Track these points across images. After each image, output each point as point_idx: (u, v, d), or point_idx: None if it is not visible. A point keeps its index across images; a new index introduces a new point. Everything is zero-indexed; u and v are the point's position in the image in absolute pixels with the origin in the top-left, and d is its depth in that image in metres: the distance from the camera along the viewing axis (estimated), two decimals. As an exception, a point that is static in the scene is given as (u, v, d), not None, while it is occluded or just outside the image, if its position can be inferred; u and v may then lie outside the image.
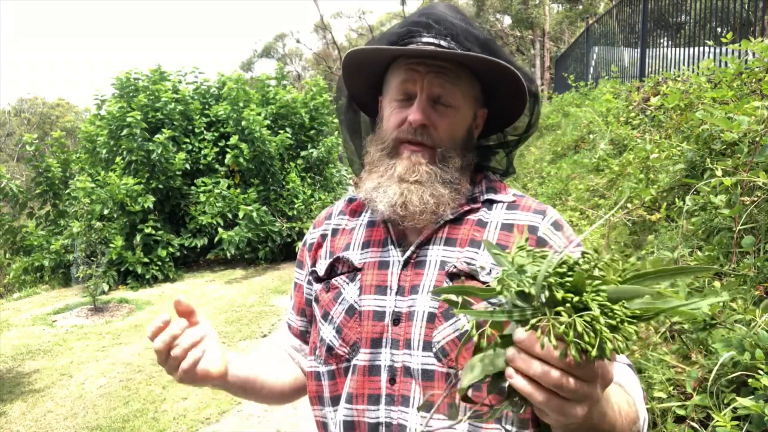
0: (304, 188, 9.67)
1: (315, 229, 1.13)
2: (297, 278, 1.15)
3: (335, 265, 1.03)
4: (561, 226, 0.96)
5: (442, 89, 0.93)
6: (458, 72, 0.94)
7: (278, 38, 36.58)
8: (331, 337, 1.00)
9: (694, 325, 1.68)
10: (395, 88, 0.96)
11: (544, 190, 5.02)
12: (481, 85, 1.00)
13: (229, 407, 3.84)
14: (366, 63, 1.00)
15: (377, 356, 0.95)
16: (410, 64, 0.94)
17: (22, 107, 35.94)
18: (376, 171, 0.97)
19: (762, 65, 2.58)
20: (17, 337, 5.66)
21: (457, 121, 0.96)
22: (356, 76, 1.04)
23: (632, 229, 2.94)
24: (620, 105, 5.27)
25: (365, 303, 0.96)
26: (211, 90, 10.09)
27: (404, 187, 0.93)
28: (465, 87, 0.96)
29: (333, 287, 1.02)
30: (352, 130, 1.15)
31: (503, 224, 0.96)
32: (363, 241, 1.03)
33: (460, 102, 0.95)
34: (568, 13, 22.49)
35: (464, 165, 0.98)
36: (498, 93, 1.00)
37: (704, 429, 1.46)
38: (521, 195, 1.02)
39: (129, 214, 8.07)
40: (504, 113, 1.04)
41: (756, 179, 1.82)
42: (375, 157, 0.99)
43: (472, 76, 0.97)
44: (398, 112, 0.96)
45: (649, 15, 6.60)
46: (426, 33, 0.94)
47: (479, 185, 1.03)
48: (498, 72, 0.93)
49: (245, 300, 6.87)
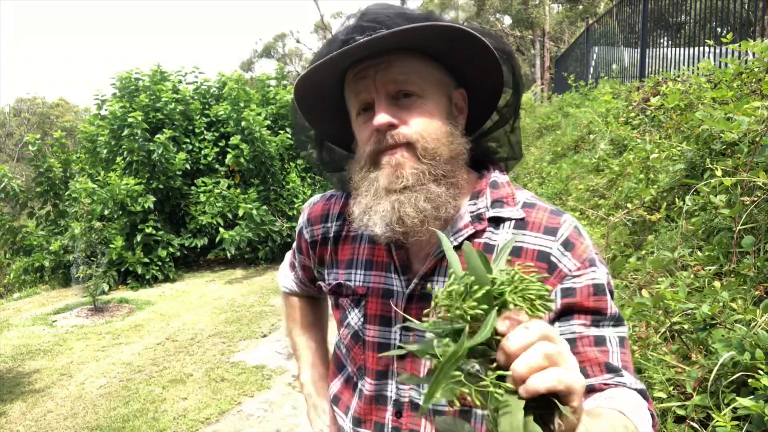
0: (304, 188, 9.68)
1: (312, 226, 1.08)
2: (303, 262, 1.15)
3: (341, 286, 1.01)
4: (572, 244, 0.85)
5: (397, 82, 0.84)
6: (409, 59, 0.85)
7: (278, 38, 36.59)
8: (344, 351, 1.04)
9: (694, 325, 1.68)
10: (354, 105, 0.89)
11: (544, 190, 5.02)
12: (446, 65, 0.90)
13: (229, 407, 3.84)
14: (319, 94, 0.91)
15: (383, 387, 0.94)
16: (357, 73, 0.86)
17: (22, 107, 35.93)
18: (360, 192, 0.88)
19: (762, 65, 2.58)
20: (17, 337, 5.66)
21: (427, 107, 0.85)
22: (319, 112, 0.96)
23: (632, 229, 2.94)
24: (620, 105, 5.27)
25: (370, 333, 0.95)
26: (211, 90, 10.09)
27: (394, 200, 0.83)
28: (423, 71, 0.86)
29: (340, 306, 1.02)
30: (336, 169, 1.07)
31: (511, 248, 0.91)
32: (366, 260, 0.98)
33: (423, 87, 0.85)
34: (569, 13, 22.49)
35: (454, 154, 0.87)
36: (466, 65, 0.89)
37: (704, 429, 1.46)
38: (531, 204, 0.91)
39: (129, 214, 8.07)
40: (485, 85, 0.92)
41: (756, 179, 1.82)
42: (357, 178, 0.90)
43: (429, 58, 0.87)
44: (365, 126, 0.87)
45: (649, 15, 6.60)
46: (359, 36, 0.83)
47: (483, 196, 0.92)
48: (453, 41, 0.83)
49: (245, 300, 6.87)
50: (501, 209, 0.89)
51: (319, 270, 1.08)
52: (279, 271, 1.33)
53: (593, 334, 0.82)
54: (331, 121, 0.98)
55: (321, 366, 1.23)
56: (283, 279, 1.29)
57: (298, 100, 0.91)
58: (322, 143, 1.07)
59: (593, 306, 0.83)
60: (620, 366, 0.81)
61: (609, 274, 0.87)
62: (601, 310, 0.83)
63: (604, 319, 0.83)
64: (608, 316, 0.84)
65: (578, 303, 0.82)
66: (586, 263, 0.84)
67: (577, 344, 0.81)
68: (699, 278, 1.86)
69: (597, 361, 0.81)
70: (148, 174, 8.47)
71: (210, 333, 5.55)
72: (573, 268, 0.84)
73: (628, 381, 0.81)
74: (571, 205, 3.93)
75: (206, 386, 4.20)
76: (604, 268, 0.86)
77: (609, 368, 0.81)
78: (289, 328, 1.30)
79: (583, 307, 0.83)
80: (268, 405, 3.86)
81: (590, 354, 0.81)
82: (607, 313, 0.83)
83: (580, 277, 0.83)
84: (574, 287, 0.83)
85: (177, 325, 5.89)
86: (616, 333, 0.84)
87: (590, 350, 0.81)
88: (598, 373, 0.81)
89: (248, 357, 4.82)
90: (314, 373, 1.22)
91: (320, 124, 1.01)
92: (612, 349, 0.82)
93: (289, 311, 1.29)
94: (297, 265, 1.20)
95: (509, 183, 0.94)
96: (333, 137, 1.04)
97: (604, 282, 0.84)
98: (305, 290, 1.25)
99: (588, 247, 0.86)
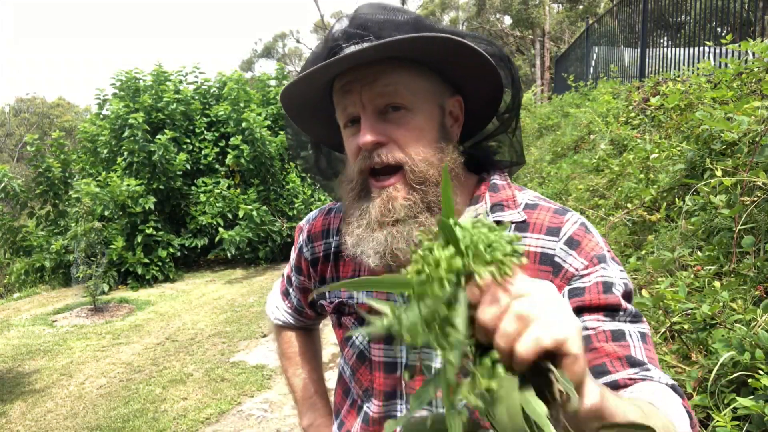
0: (304, 188, 9.68)
1: (313, 243, 1.04)
2: (303, 284, 1.09)
3: (344, 304, 0.98)
4: (577, 242, 0.81)
5: (385, 95, 0.80)
6: (397, 71, 0.81)
7: (278, 38, 36.62)
8: (349, 372, 1.00)
9: (694, 325, 1.68)
10: (341, 116, 0.86)
11: (544, 190, 5.02)
12: (439, 73, 0.86)
13: (229, 407, 3.84)
14: (306, 102, 0.89)
15: (392, 408, 0.92)
16: (343, 86, 0.82)
17: (22, 107, 35.93)
18: (352, 221, 0.85)
19: (762, 65, 2.58)
20: (17, 337, 5.66)
21: (417, 122, 0.81)
22: (308, 118, 0.94)
23: (632, 229, 2.94)
24: (620, 105, 5.27)
25: (376, 353, 0.92)
26: (211, 90, 10.09)
27: (386, 233, 0.80)
28: (412, 83, 0.82)
29: (343, 325, 0.99)
30: (330, 176, 1.03)
31: None
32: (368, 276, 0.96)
33: (412, 99, 0.81)
34: (569, 13, 22.49)
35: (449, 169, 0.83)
36: (459, 71, 0.85)
37: (704, 429, 1.46)
38: (533, 204, 0.87)
39: (130, 215, 8.08)
40: (482, 91, 0.88)
41: (756, 179, 1.82)
42: (347, 202, 0.87)
43: (419, 67, 0.83)
44: (352, 140, 0.84)
45: (649, 15, 6.60)
46: (345, 44, 0.81)
47: (483, 201, 0.88)
48: (445, 51, 0.79)
49: (245, 300, 6.87)
50: (501, 213, 0.85)
51: (320, 288, 1.05)
52: (268, 302, 1.26)
53: (609, 328, 0.75)
54: (320, 126, 0.95)
55: (323, 407, 1.18)
56: (275, 310, 1.23)
57: (286, 108, 0.90)
58: (319, 149, 1.04)
59: (605, 302, 0.76)
60: (645, 360, 0.74)
61: (624, 271, 0.81)
62: (615, 306, 0.76)
63: (619, 315, 0.77)
64: (625, 312, 0.77)
65: (588, 301, 0.77)
66: (595, 261, 0.79)
67: (593, 340, 0.75)
68: (699, 278, 1.86)
69: (617, 355, 0.73)
70: (149, 175, 8.47)
71: (210, 333, 5.55)
72: (580, 267, 0.78)
73: (656, 375, 0.73)
74: (571, 205, 3.93)
75: (206, 386, 4.20)
76: (616, 266, 0.80)
77: (632, 362, 0.73)
78: (284, 367, 1.23)
79: (593, 304, 0.77)
80: (268, 405, 3.86)
81: (608, 348, 0.74)
82: (621, 309, 0.77)
83: (589, 275, 0.78)
84: (583, 287, 0.77)
85: (177, 325, 5.89)
86: (636, 328, 0.77)
87: (608, 345, 0.74)
88: (619, 368, 0.73)
89: (248, 357, 4.82)
90: (317, 417, 1.17)
91: (310, 129, 0.99)
92: (633, 344, 0.75)
93: (284, 348, 1.23)
94: (293, 290, 1.14)
95: (510, 185, 0.90)
96: (325, 140, 1.01)
97: (616, 280, 0.78)
98: (300, 321, 1.20)
99: (597, 244, 0.81)
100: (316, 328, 1.27)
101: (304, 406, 1.18)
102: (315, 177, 1.07)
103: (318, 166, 1.05)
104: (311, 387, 1.19)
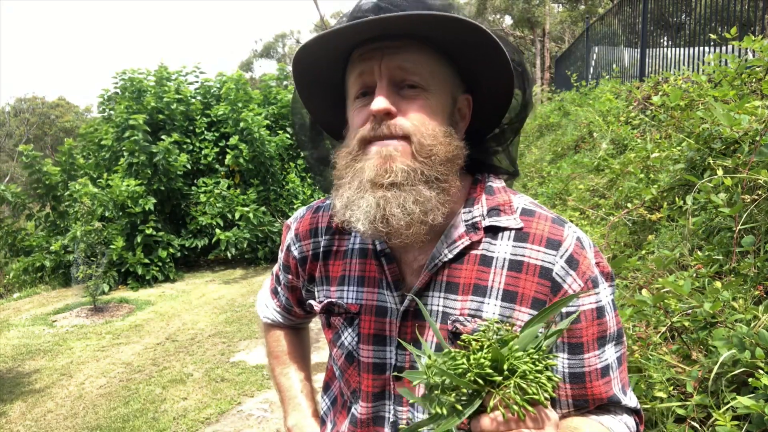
0: (304, 188, 9.68)
1: (301, 241, 1.01)
2: (291, 282, 1.07)
3: (333, 304, 0.95)
4: (576, 261, 0.81)
5: (404, 70, 0.78)
6: (420, 51, 0.79)
7: (278, 38, 36.64)
8: (338, 373, 0.99)
9: (694, 324, 1.68)
10: (353, 85, 0.83)
11: (544, 190, 5.02)
12: (457, 66, 0.85)
13: (229, 407, 3.84)
14: (317, 71, 0.86)
15: (380, 408, 0.91)
16: (363, 53, 0.80)
17: (22, 107, 35.90)
18: (343, 183, 0.81)
19: (762, 64, 2.58)
20: (17, 337, 5.66)
21: (430, 103, 0.79)
22: (314, 91, 0.91)
23: (632, 228, 2.93)
24: (620, 105, 5.27)
25: (364, 354, 0.91)
26: (212, 90, 10.09)
27: (380, 196, 0.76)
28: (433, 66, 0.81)
29: (333, 326, 0.97)
30: (320, 157, 1.01)
31: (511, 261, 0.82)
32: (358, 276, 0.92)
33: (430, 81, 0.80)
34: (571, 13, 22.47)
35: (450, 156, 0.80)
36: (478, 69, 0.84)
37: (704, 429, 1.46)
38: (530, 211, 0.86)
39: (130, 215, 8.08)
40: (492, 96, 0.87)
41: (757, 178, 1.81)
42: (341, 166, 0.82)
43: (441, 56, 0.82)
44: (361, 110, 0.81)
45: (649, 15, 6.59)
46: (373, 15, 0.76)
47: (479, 203, 0.86)
48: (475, 44, 0.78)
49: (245, 300, 6.87)
50: (498, 218, 0.84)
51: (308, 288, 1.02)
52: (258, 300, 1.25)
53: (600, 366, 0.83)
54: (325, 101, 0.92)
55: (308, 408, 1.15)
56: (264, 309, 1.21)
57: (296, 70, 0.85)
58: (316, 133, 1.00)
59: (598, 331, 0.82)
60: (620, 397, 0.85)
61: (613, 285, 0.86)
62: (604, 333, 0.83)
63: (606, 341, 0.83)
64: (610, 336, 0.84)
65: (584, 330, 0.82)
66: (590, 284, 0.81)
67: (586, 379, 0.83)
68: (699, 277, 1.85)
69: (600, 397, 0.84)
70: (150, 175, 8.47)
71: (210, 333, 5.54)
72: (577, 289, 0.81)
73: (629, 399, 0.87)
74: (571, 205, 3.92)
75: (206, 386, 4.19)
76: (605, 283, 0.84)
77: (610, 401, 0.85)
78: (271, 366, 1.22)
79: (589, 334, 0.82)
80: (268, 405, 3.86)
81: (596, 390, 0.83)
82: (608, 334, 0.83)
83: (583, 299, 0.82)
84: (578, 311, 0.81)
85: (177, 325, 5.89)
86: (616, 354, 0.85)
87: (596, 385, 0.83)
88: (598, 405, 0.85)
89: (248, 357, 4.82)
90: (301, 417, 1.14)
91: (313, 103, 0.94)
92: (613, 376, 0.84)
93: (272, 347, 1.22)
94: (281, 288, 1.12)
95: (505, 188, 0.90)
96: (324, 119, 0.97)
97: (606, 302, 0.83)
98: (289, 319, 1.19)
99: (590, 263, 0.82)
100: (306, 327, 1.27)
101: (289, 406, 1.16)
102: (314, 171, 1.04)
103: (312, 153, 1.03)
104: (297, 386, 1.17)
